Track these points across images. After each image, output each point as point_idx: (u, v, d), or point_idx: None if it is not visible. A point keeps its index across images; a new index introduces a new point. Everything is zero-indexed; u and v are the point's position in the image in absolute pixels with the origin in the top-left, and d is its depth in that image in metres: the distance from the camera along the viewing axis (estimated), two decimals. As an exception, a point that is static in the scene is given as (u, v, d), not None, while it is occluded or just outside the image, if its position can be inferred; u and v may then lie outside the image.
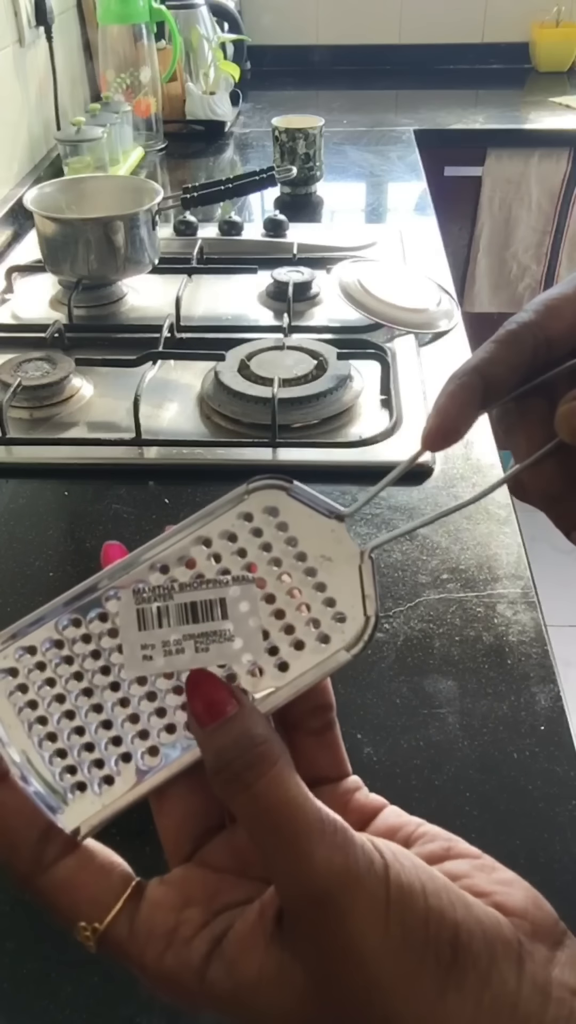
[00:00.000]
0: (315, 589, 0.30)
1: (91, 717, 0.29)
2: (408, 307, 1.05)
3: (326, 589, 0.30)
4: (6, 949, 0.48)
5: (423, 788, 0.56)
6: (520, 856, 0.28)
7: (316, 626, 0.30)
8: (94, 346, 1.04)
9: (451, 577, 0.72)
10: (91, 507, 0.81)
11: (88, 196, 1.18)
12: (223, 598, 0.30)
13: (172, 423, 0.93)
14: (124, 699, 0.29)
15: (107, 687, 0.29)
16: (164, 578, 0.30)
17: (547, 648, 0.65)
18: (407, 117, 2.01)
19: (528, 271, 2.07)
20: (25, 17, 1.53)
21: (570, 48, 2.26)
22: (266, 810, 0.25)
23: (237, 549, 0.30)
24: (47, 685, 0.29)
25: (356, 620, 0.30)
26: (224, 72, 1.86)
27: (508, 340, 0.32)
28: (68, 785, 0.29)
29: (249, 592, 0.30)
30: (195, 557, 0.30)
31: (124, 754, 0.29)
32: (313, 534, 0.30)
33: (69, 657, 0.30)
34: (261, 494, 0.30)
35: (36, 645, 0.30)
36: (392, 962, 0.24)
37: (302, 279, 1.14)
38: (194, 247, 1.25)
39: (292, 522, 0.30)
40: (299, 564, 0.30)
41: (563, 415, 0.30)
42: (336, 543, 0.30)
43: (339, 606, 0.30)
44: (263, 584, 0.30)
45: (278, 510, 0.30)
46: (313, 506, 0.30)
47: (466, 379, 0.31)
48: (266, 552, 0.30)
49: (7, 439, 0.88)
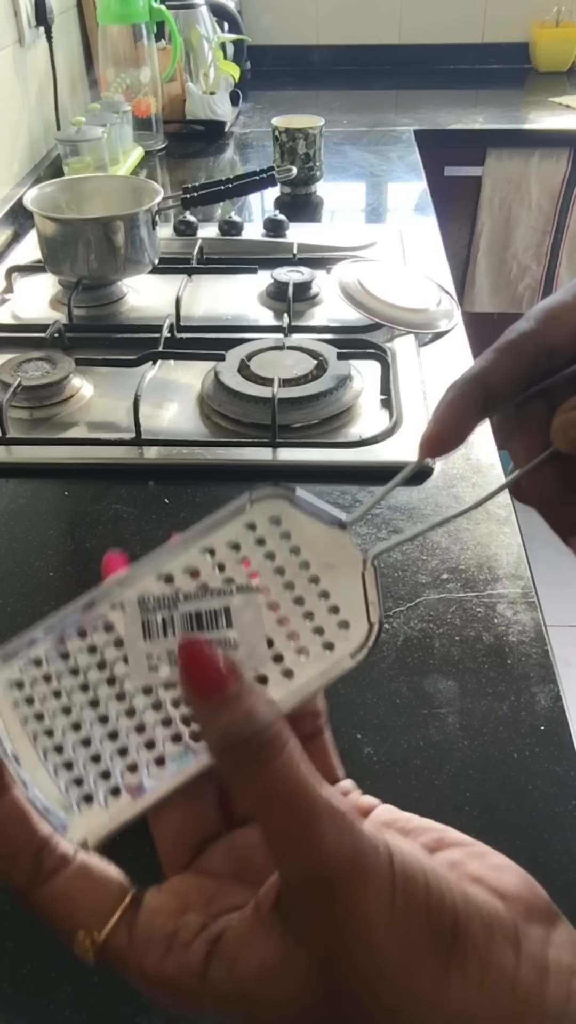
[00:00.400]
0: (319, 597, 0.30)
1: (97, 728, 0.29)
2: (408, 307, 1.05)
3: (330, 596, 0.30)
4: (6, 949, 0.48)
5: (423, 788, 0.56)
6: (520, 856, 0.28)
7: (320, 633, 0.30)
8: (94, 346, 1.04)
9: (451, 577, 0.72)
10: (91, 507, 0.81)
11: (88, 196, 1.18)
12: (227, 607, 0.30)
13: (172, 423, 0.93)
14: (130, 710, 0.29)
15: (113, 698, 0.29)
16: (168, 588, 0.30)
17: (547, 648, 0.66)
18: (407, 117, 2.01)
19: (528, 271, 2.07)
20: (25, 17, 1.54)
21: (570, 48, 2.26)
22: (277, 793, 0.25)
23: (241, 558, 0.30)
24: (53, 697, 0.29)
25: (360, 627, 0.30)
26: (224, 72, 1.86)
27: (508, 349, 0.32)
28: (75, 797, 0.29)
29: (253, 601, 0.30)
30: (199, 567, 0.30)
31: (131, 765, 0.29)
32: (316, 542, 0.30)
33: (75, 668, 0.29)
34: (264, 503, 0.30)
35: (41, 657, 0.30)
36: (397, 949, 0.24)
37: (302, 279, 1.14)
38: (194, 247, 1.25)
39: (295, 531, 0.30)
40: (303, 572, 0.30)
41: (559, 426, 0.30)
42: (339, 550, 0.30)
43: (343, 613, 0.30)
44: (267, 592, 0.30)
45: (281, 519, 0.30)
46: (316, 514, 0.30)
47: (466, 388, 0.31)
48: (270, 561, 0.30)
49: (7, 439, 0.88)
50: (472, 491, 0.81)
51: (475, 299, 2.10)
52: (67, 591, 0.73)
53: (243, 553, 0.30)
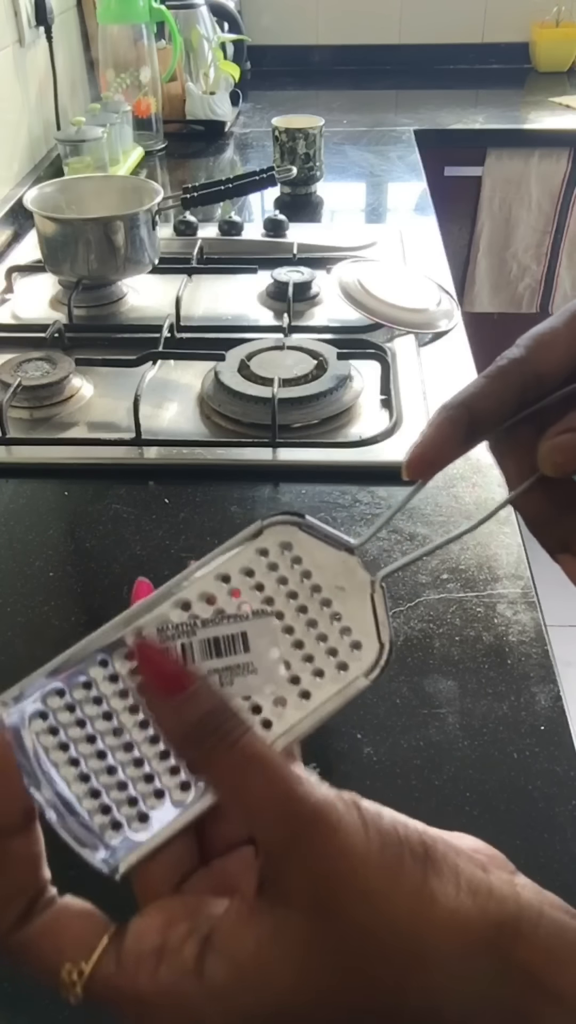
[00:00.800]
0: (331, 619, 0.31)
1: (121, 756, 0.30)
2: (408, 307, 1.05)
3: (342, 618, 0.31)
4: (6, 949, 0.48)
5: (423, 788, 0.56)
6: (520, 856, 0.28)
7: (334, 655, 0.31)
8: (94, 346, 1.04)
9: (451, 577, 0.72)
10: (91, 507, 0.81)
11: (88, 196, 1.18)
12: (244, 632, 0.31)
13: (172, 423, 0.93)
14: (154, 737, 0.30)
15: (136, 725, 0.30)
16: (186, 615, 0.30)
17: (547, 648, 0.66)
18: (407, 117, 2.01)
19: (528, 271, 2.07)
20: (25, 17, 1.54)
21: (570, 48, 2.26)
22: (250, 758, 0.27)
23: (255, 584, 0.31)
24: (77, 726, 0.30)
25: (372, 647, 0.31)
26: (224, 72, 1.86)
27: (497, 376, 0.33)
28: (102, 824, 0.29)
29: (268, 625, 0.31)
30: (215, 593, 0.31)
31: (157, 791, 0.29)
32: (326, 566, 0.31)
33: (98, 698, 0.30)
34: (275, 529, 0.32)
35: (64, 687, 0.30)
36: (377, 866, 0.26)
37: (302, 279, 1.14)
38: (194, 247, 1.25)
39: (306, 555, 0.31)
40: (315, 596, 0.31)
41: (545, 451, 0.31)
42: (348, 573, 0.31)
43: (355, 634, 0.31)
44: (281, 616, 0.31)
45: (292, 544, 0.31)
46: (325, 539, 0.32)
47: (453, 412, 0.32)
48: (283, 585, 0.31)
49: (7, 439, 0.88)
50: (472, 491, 0.81)
51: (475, 299, 2.10)
52: (67, 591, 0.73)
53: (257, 579, 0.31)
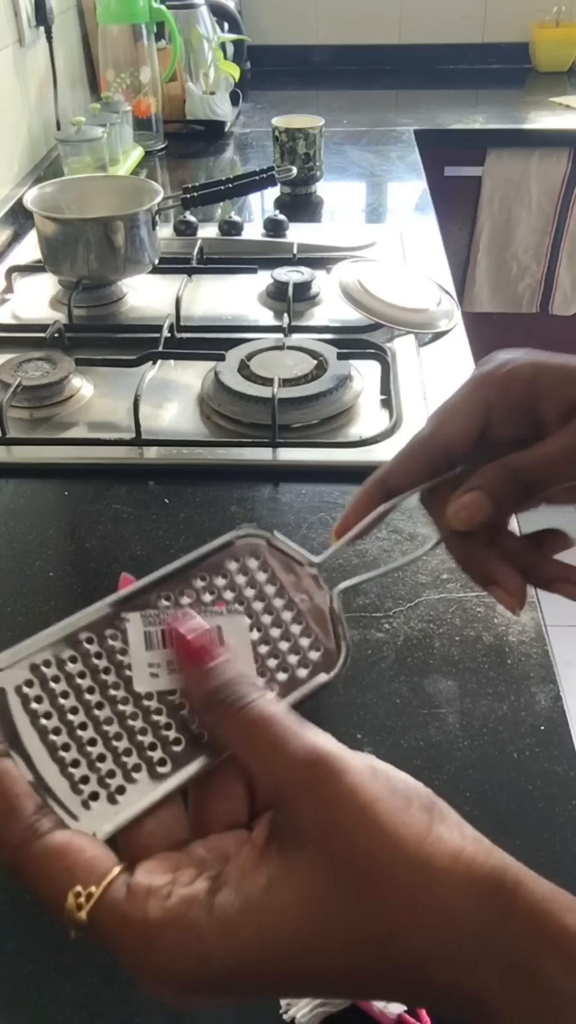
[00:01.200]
0: (294, 622, 0.35)
1: (103, 728, 0.31)
2: (408, 307, 1.05)
3: (303, 622, 0.35)
4: (6, 949, 0.49)
5: (423, 788, 0.56)
6: (520, 856, 0.28)
7: (297, 653, 0.34)
8: (94, 346, 1.04)
9: (451, 577, 0.72)
10: (91, 507, 0.81)
11: (88, 196, 1.18)
12: (219, 626, 0.33)
13: (172, 423, 0.93)
14: (134, 712, 0.31)
15: (119, 701, 0.32)
16: (167, 605, 0.33)
17: (547, 648, 0.66)
18: (407, 117, 2.01)
19: (528, 271, 2.07)
20: (25, 17, 1.54)
21: (570, 48, 2.26)
22: (265, 716, 0.29)
23: (228, 585, 0.34)
24: (62, 697, 0.31)
25: (331, 648, 0.35)
26: (224, 72, 1.86)
27: (406, 454, 0.40)
28: (83, 793, 0.30)
29: (240, 622, 0.34)
30: (194, 589, 0.34)
31: (136, 764, 0.31)
32: (291, 576, 0.35)
33: (83, 672, 0.32)
34: (247, 540, 0.35)
35: (51, 659, 0.31)
36: (385, 804, 0.27)
37: (302, 279, 1.14)
38: (194, 247, 1.25)
39: (274, 566, 0.35)
40: (279, 600, 0.35)
41: (451, 512, 0.39)
42: (311, 583, 0.35)
43: (315, 636, 0.35)
44: (251, 616, 0.34)
45: (262, 554, 0.35)
46: (290, 554, 0.36)
47: (370, 487, 0.40)
48: (252, 589, 0.35)
49: (7, 439, 0.88)
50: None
51: (475, 299, 2.10)
52: (67, 591, 0.73)
53: (229, 581, 0.35)
